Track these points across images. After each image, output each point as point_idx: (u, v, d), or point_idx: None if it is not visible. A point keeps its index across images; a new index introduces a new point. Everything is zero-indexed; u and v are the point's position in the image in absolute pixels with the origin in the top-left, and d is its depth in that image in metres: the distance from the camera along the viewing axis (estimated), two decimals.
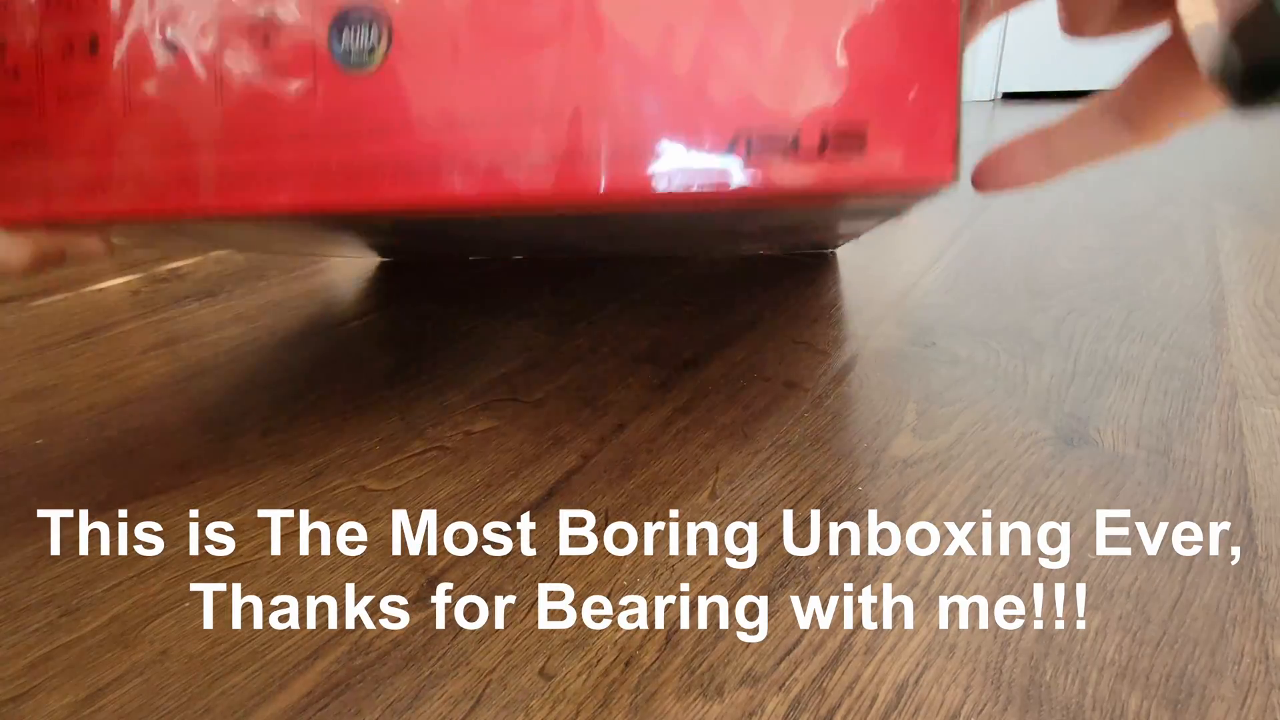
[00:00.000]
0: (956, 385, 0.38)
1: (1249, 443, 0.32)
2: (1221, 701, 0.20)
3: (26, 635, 0.26)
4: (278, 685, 0.23)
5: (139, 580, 0.28)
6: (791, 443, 0.34)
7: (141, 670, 0.24)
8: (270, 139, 0.23)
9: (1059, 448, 0.32)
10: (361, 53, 0.22)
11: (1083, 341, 0.42)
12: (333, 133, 0.23)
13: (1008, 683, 0.21)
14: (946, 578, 0.25)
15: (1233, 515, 0.27)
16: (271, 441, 0.37)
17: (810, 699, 0.21)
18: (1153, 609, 0.23)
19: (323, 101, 0.22)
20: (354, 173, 0.23)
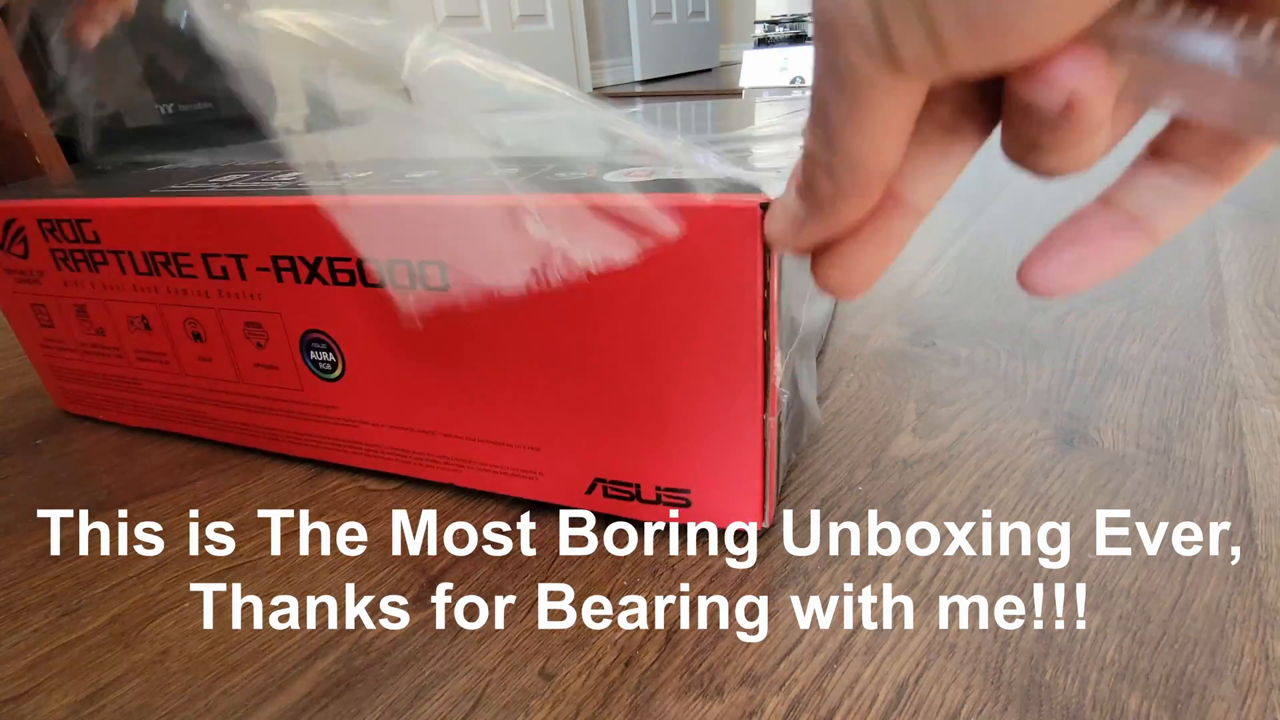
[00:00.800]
0: (956, 385, 0.38)
1: (1249, 443, 0.32)
2: (1221, 701, 0.20)
3: (26, 635, 0.26)
4: (278, 685, 0.23)
5: (139, 580, 0.28)
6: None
7: (141, 670, 0.24)
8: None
9: (1059, 448, 0.32)
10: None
11: (1083, 341, 0.42)
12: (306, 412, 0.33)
13: (1008, 683, 0.21)
14: (946, 578, 0.25)
15: (1233, 515, 0.27)
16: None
17: (810, 699, 0.21)
18: (1153, 609, 0.23)
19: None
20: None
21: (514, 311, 0.26)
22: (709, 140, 0.35)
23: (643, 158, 0.26)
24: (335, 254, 0.28)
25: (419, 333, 0.28)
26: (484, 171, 0.27)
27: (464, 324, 0.27)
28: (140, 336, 0.35)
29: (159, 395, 0.37)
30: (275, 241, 0.28)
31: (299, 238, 0.28)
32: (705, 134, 0.38)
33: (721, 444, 0.26)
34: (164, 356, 0.35)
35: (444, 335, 0.28)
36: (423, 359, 0.29)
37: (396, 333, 0.28)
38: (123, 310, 0.34)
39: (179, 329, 0.33)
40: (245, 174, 0.35)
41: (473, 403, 0.29)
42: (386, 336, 0.29)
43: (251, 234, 0.29)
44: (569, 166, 0.28)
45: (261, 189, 0.30)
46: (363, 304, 0.28)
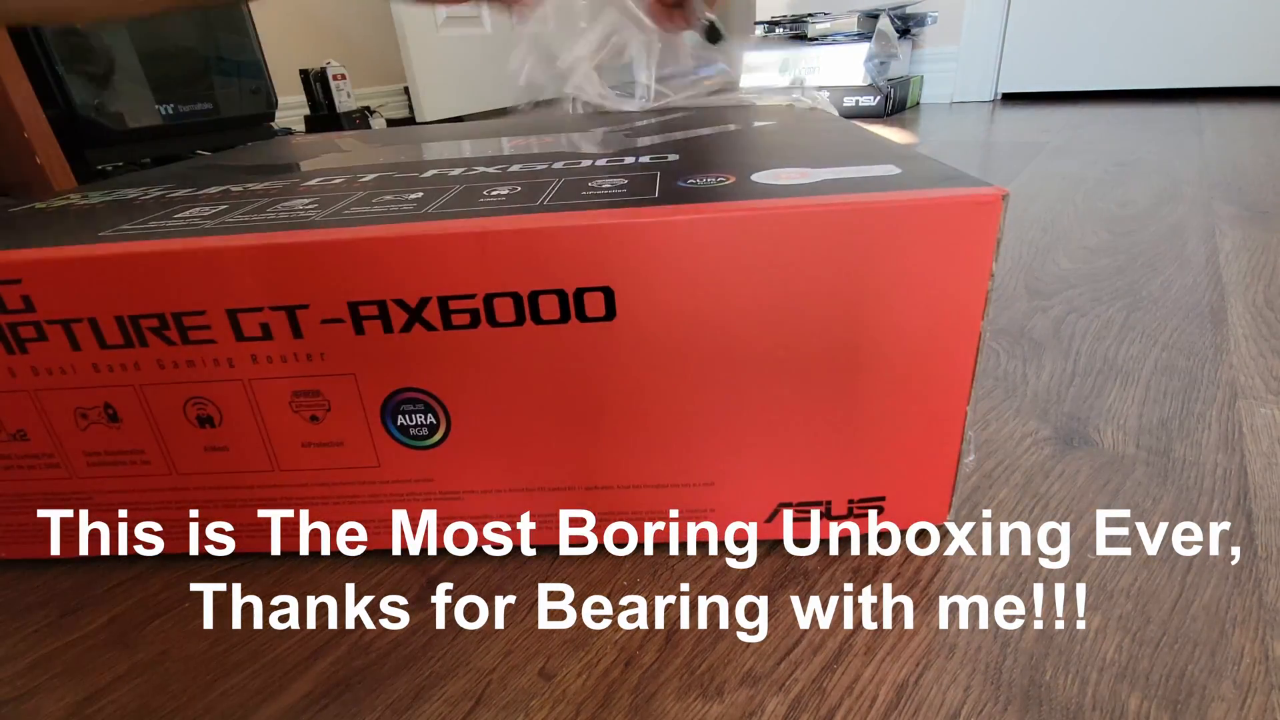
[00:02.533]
0: None
1: (1249, 443, 0.32)
2: (1221, 701, 0.20)
3: (26, 635, 0.26)
4: (278, 685, 0.23)
5: (139, 580, 0.28)
6: None
7: (141, 670, 0.24)
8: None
9: (1059, 448, 0.32)
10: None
11: (1083, 341, 0.42)
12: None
13: (1008, 683, 0.21)
14: (946, 578, 0.25)
15: (1233, 515, 0.27)
16: None
17: (810, 699, 0.21)
18: (1153, 609, 0.23)
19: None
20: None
21: (678, 329, 0.23)
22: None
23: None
24: (451, 291, 0.22)
25: (556, 373, 0.24)
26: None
27: (627, 348, 0.23)
28: (99, 433, 0.26)
29: (132, 507, 0.28)
30: (355, 284, 0.22)
31: (397, 276, 0.22)
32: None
33: (921, 444, 0.25)
34: (141, 455, 0.27)
35: (591, 369, 0.24)
36: (554, 403, 0.24)
37: (519, 377, 0.24)
38: (67, 401, 0.25)
39: (174, 414, 0.26)
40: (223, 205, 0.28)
41: (625, 443, 0.25)
42: (506, 384, 0.24)
43: (315, 277, 0.22)
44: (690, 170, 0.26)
45: (292, 220, 0.24)
46: (482, 349, 0.23)
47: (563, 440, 0.25)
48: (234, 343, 0.24)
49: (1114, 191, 0.80)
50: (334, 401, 0.25)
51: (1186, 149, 1.01)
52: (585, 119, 0.47)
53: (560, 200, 0.23)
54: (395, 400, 0.25)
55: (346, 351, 0.24)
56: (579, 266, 0.22)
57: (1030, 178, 0.87)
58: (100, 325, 0.24)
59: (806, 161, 0.26)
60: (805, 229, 0.21)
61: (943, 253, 0.21)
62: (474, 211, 0.23)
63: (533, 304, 0.23)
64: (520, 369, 0.24)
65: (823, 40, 1.54)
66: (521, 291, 0.22)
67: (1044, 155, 0.99)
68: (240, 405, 0.25)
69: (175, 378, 0.25)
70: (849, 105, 1.50)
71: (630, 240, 0.21)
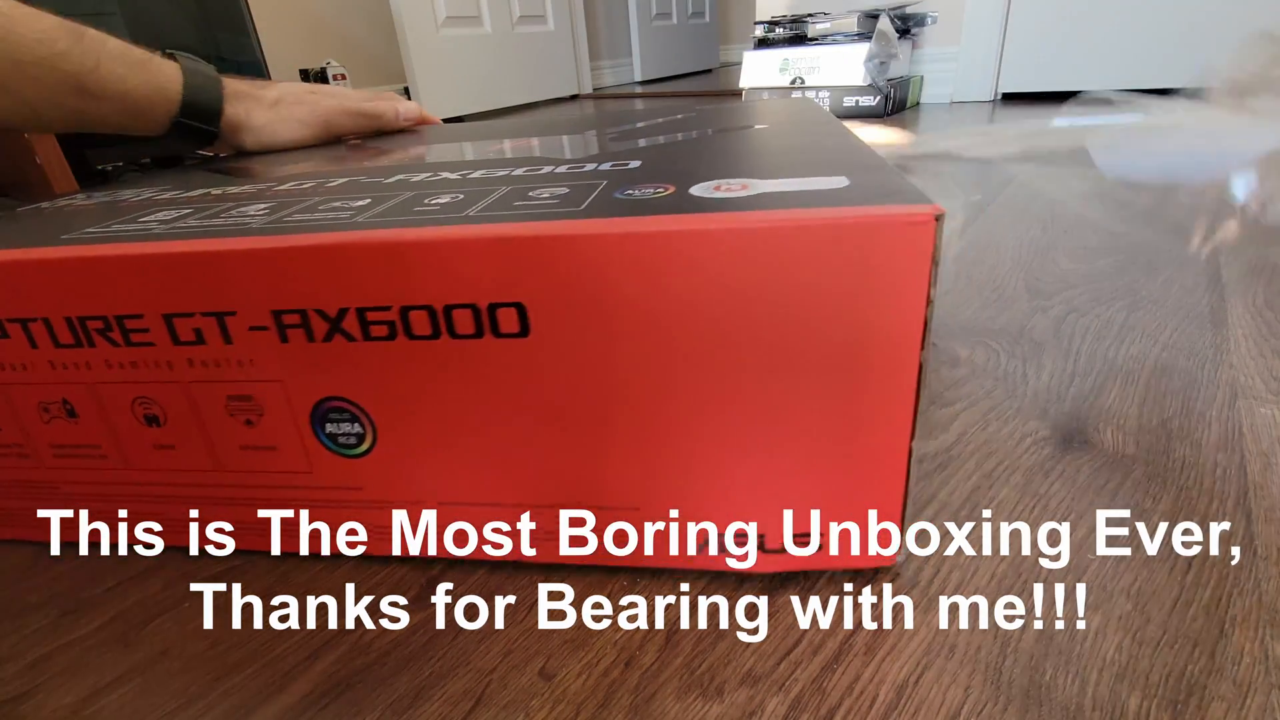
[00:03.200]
0: (956, 385, 0.38)
1: (1249, 443, 0.32)
2: (1221, 701, 0.20)
3: (27, 635, 0.26)
4: (278, 685, 0.23)
5: (139, 580, 0.28)
6: None
7: (141, 670, 0.24)
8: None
9: (1059, 448, 0.32)
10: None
11: (1083, 341, 0.42)
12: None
13: (1008, 683, 0.21)
14: (946, 578, 0.25)
15: (1233, 515, 0.27)
16: None
17: (810, 699, 0.21)
18: (1153, 609, 0.23)
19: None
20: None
21: (603, 346, 0.22)
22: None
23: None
24: (368, 302, 0.22)
25: (475, 387, 0.23)
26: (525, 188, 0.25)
27: (542, 366, 0.23)
28: (60, 427, 0.27)
29: (92, 499, 0.29)
30: (278, 292, 0.23)
31: (316, 285, 0.22)
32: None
33: (861, 478, 0.23)
34: (98, 449, 0.28)
35: (513, 385, 0.23)
36: (476, 418, 0.24)
37: (440, 391, 0.24)
38: (31, 395, 0.27)
39: (123, 412, 0.26)
40: (186, 209, 0.28)
41: (547, 463, 0.25)
42: (428, 397, 0.24)
43: (241, 285, 0.23)
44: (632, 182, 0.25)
45: (233, 227, 0.24)
46: (402, 360, 0.23)
47: (487, 455, 0.25)
48: (171, 346, 0.24)
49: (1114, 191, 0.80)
50: (266, 407, 0.25)
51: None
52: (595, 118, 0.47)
53: (491, 210, 0.23)
54: (324, 408, 0.25)
55: (274, 359, 0.24)
56: (491, 281, 0.21)
57: (1030, 177, 0.87)
58: (53, 325, 0.25)
59: (760, 172, 0.25)
60: (718, 247, 0.20)
61: (871, 276, 0.20)
62: (405, 221, 0.23)
63: (447, 318, 0.22)
64: (440, 382, 0.23)
65: (823, 40, 1.54)
66: (436, 305, 0.22)
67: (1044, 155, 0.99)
68: (182, 407, 0.26)
69: (122, 377, 0.26)
70: (849, 105, 1.50)
71: (540, 254, 0.21)
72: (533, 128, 0.45)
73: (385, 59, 2.10)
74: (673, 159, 0.29)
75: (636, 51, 2.92)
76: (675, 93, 2.39)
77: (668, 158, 0.29)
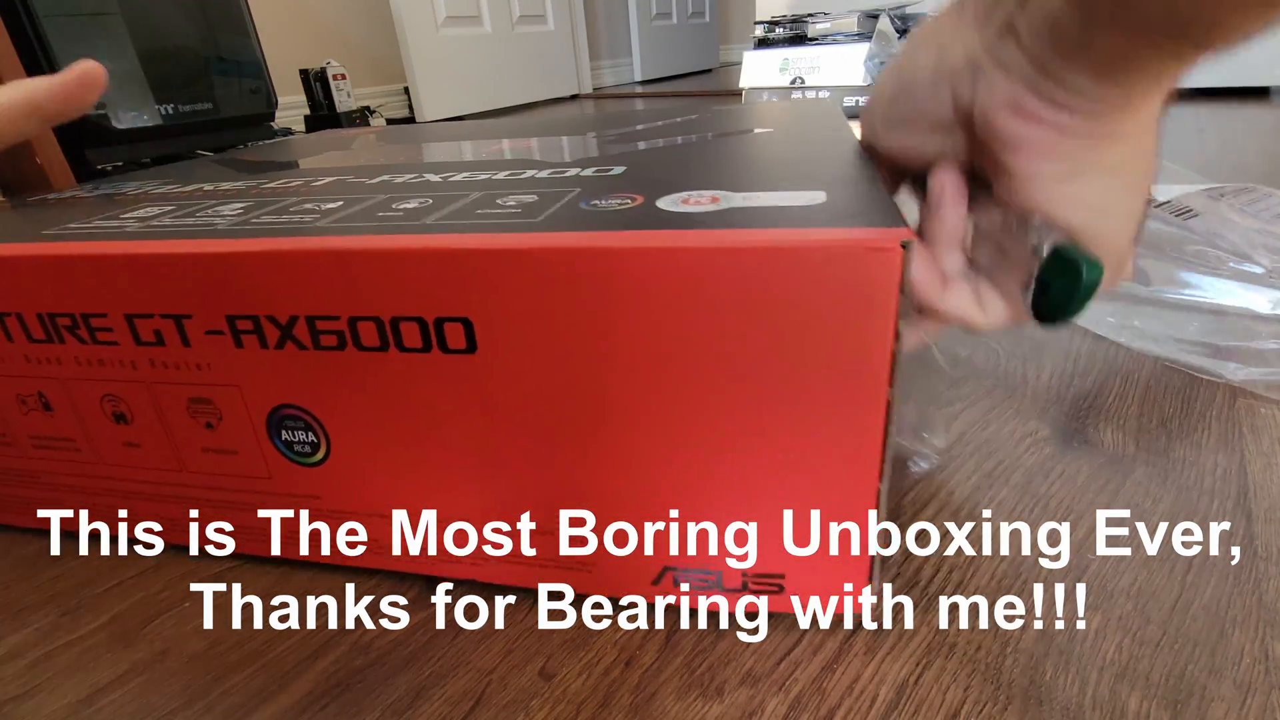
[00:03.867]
0: (956, 385, 0.38)
1: (1249, 443, 0.32)
2: (1221, 701, 0.20)
3: (26, 635, 0.26)
4: (278, 685, 0.23)
5: (139, 580, 0.28)
6: None
7: (141, 670, 0.24)
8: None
9: (1059, 448, 0.32)
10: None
11: (1083, 342, 0.42)
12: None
13: (1008, 683, 0.21)
14: (946, 578, 0.25)
15: (1233, 515, 0.27)
16: None
17: (810, 699, 0.21)
18: (1153, 609, 0.23)
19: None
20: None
21: (557, 366, 0.21)
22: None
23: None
24: (316, 311, 0.22)
25: (425, 402, 0.23)
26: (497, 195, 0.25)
27: (491, 383, 0.22)
28: (37, 419, 0.28)
29: (71, 490, 0.29)
30: (231, 297, 0.22)
31: (266, 292, 0.22)
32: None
33: (824, 518, 0.22)
34: (72, 443, 0.28)
35: (462, 401, 0.22)
36: (433, 432, 0.23)
37: (391, 403, 0.23)
38: (9, 387, 0.27)
39: (93, 408, 0.27)
40: (169, 205, 0.28)
41: (502, 481, 0.24)
42: (379, 409, 0.23)
43: (196, 288, 0.22)
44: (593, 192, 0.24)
45: (201, 228, 0.24)
46: (352, 371, 0.23)
47: (437, 469, 0.24)
48: (134, 346, 0.25)
49: None
50: (224, 411, 0.25)
51: (1186, 149, 1.01)
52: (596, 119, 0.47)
53: (449, 219, 0.22)
54: (279, 415, 0.25)
55: (230, 363, 0.24)
56: (437, 294, 0.21)
57: None
58: (25, 320, 0.25)
59: (737, 183, 0.24)
60: (662, 265, 0.19)
61: (829, 304, 0.18)
62: (364, 228, 0.22)
63: (395, 330, 0.22)
64: (390, 394, 0.23)
65: (823, 40, 1.54)
66: (384, 316, 0.21)
67: None
68: (146, 406, 0.26)
69: (91, 375, 0.26)
70: (849, 105, 1.50)
71: (486, 269, 0.20)
72: (536, 128, 0.45)
73: (385, 59, 2.10)
74: (658, 165, 0.28)
75: (636, 51, 2.92)
76: (675, 93, 2.39)
77: (654, 163, 0.29)
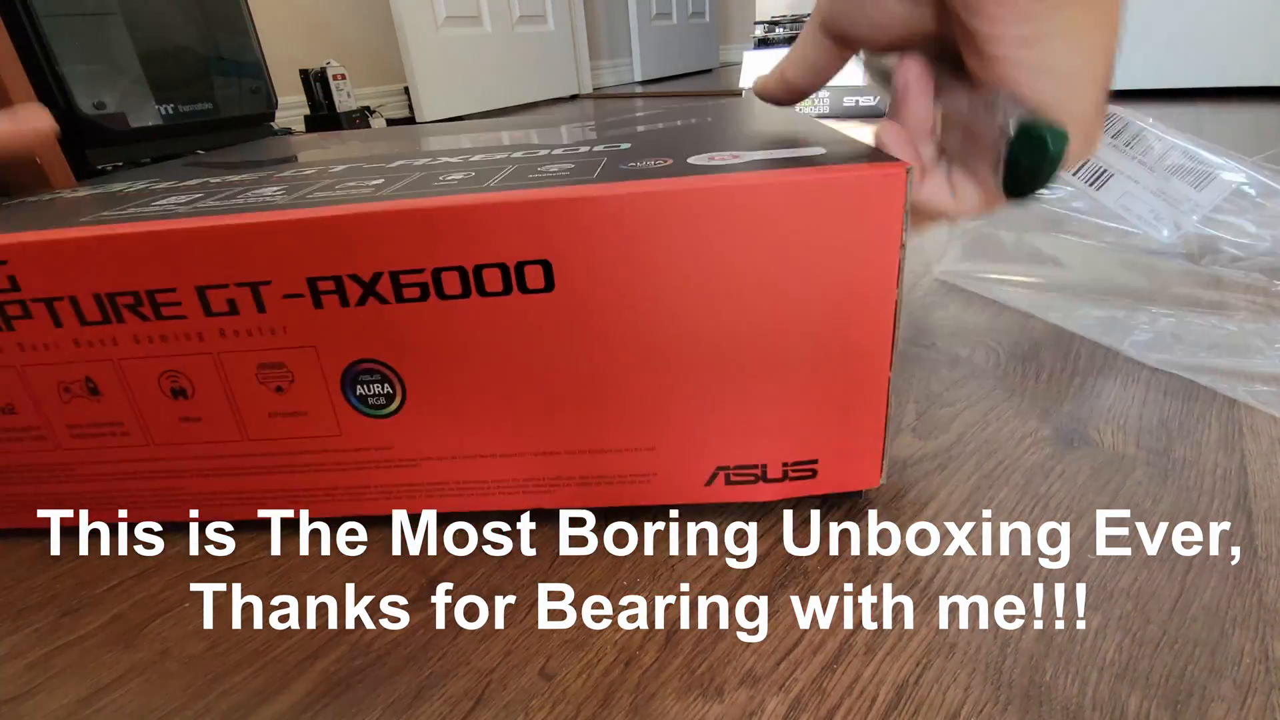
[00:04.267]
0: (956, 385, 0.38)
1: (1249, 443, 0.32)
2: (1221, 701, 0.20)
3: (26, 635, 0.26)
4: (278, 685, 0.23)
5: (139, 580, 0.28)
6: None
7: (141, 670, 0.24)
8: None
9: (1059, 448, 0.32)
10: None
11: (1082, 342, 0.42)
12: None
13: (1008, 683, 0.21)
14: (946, 578, 0.25)
15: (1233, 515, 0.27)
16: None
17: (810, 699, 0.21)
18: (1153, 609, 0.23)
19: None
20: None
21: (614, 300, 0.24)
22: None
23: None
24: (401, 266, 0.24)
25: (501, 342, 0.25)
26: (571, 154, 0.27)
27: (567, 317, 0.25)
28: (81, 406, 0.28)
29: (109, 479, 0.29)
30: (314, 260, 0.24)
31: (352, 252, 0.24)
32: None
33: (848, 409, 0.26)
34: (121, 427, 0.28)
35: (539, 337, 0.25)
36: (501, 372, 0.26)
37: (468, 347, 0.25)
38: (51, 376, 0.27)
39: (150, 387, 0.27)
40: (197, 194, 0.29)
41: (569, 410, 0.26)
42: (456, 354, 0.25)
43: (278, 255, 0.24)
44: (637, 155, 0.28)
45: (255, 203, 0.25)
46: (433, 320, 0.25)
47: (511, 407, 0.27)
48: (203, 318, 0.25)
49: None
50: (297, 373, 0.26)
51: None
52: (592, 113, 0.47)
53: (509, 182, 0.25)
54: (354, 371, 0.26)
55: (307, 325, 0.25)
56: (519, 241, 0.23)
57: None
58: (80, 303, 0.25)
59: (745, 146, 0.27)
60: (726, 202, 0.22)
61: (855, 225, 0.23)
62: (427, 193, 0.24)
63: (477, 277, 0.24)
64: (468, 339, 0.25)
65: None
66: (467, 265, 0.24)
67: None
68: (210, 377, 0.27)
69: (150, 352, 0.26)
70: (849, 105, 1.50)
71: (564, 215, 0.23)
72: (530, 123, 0.45)
73: (385, 59, 2.10)
74: (665, 141, 0.31)
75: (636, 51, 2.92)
76: (675, 93, 2.39)
77: (658, 139, 0.31)
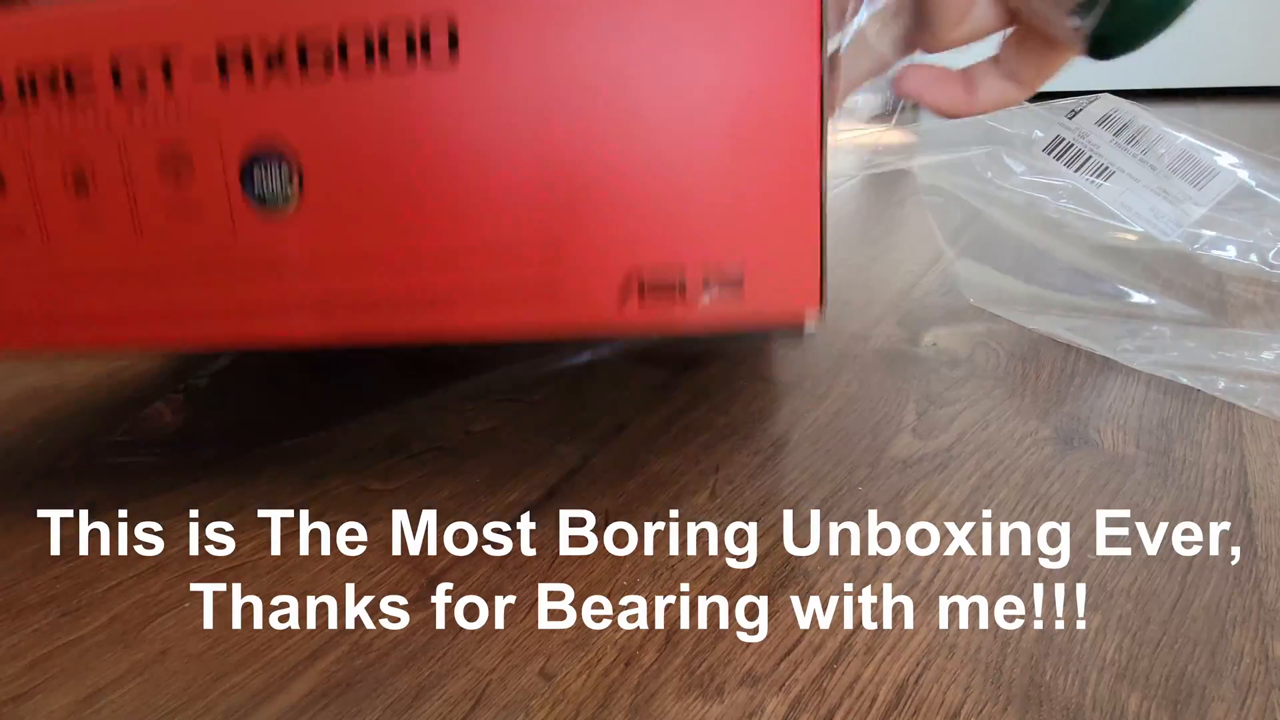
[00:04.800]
0: (956, 385, 0.38)
1: (1249, 443, 0.32)
2: (1221, 702, 0.20)
3: (26, 635, 0.26)
4: (278, 685, 0.23)
5: (139, 580, 0.28)
6: (791, 443, 0.34)
7: (141, 670, 0.24)
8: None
9: (1059, 448, 0.32)
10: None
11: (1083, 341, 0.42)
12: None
13: (1008, 683, 0.21)
14: (946, 578, 0.25)
15: (1233, 515, 0.27)
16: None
17: (810, 699, 0.21)
18: (1153, 609, 0.23)
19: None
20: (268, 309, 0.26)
21: (524, 78, 0.23)
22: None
23: None
24: (307, 27, 0.23)
25: (395, 127, 0.24)
26: None
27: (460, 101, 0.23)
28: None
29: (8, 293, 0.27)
30: (223, 22, 0.23)
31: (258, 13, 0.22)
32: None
33: (776, 205, 0.23)
34: (21, 229, 0.26)
35: (429, 124, 0.23)
36: (402, 161, 0.24)
37: (370, 132, 0.24)
38: None
39: (54, 180, 0.25)
40: None
41: (471, 199, 0.24)
42: (358, 141, 0.24)
43: (190, 18, 0.23)
44: None
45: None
46: (339, 100, 0.23)
47: (409, 200, 0.25)
48: (113, 98, 0.24)
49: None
50: (197, 161, 0.25)
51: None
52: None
53: None
54: (252, 159, 0.25)
55: (211, 104, 0.24)
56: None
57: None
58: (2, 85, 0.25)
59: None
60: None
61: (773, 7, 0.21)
62: None
63: (383, 48, 0.23)
64: (372, 122, 0.24)
65: None
66: (372, 26, 0.22)
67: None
68: (112, 167, 0.25)
69: (56, 140, 0.25)
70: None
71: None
72: None
73: None
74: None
75: None
76: None
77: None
